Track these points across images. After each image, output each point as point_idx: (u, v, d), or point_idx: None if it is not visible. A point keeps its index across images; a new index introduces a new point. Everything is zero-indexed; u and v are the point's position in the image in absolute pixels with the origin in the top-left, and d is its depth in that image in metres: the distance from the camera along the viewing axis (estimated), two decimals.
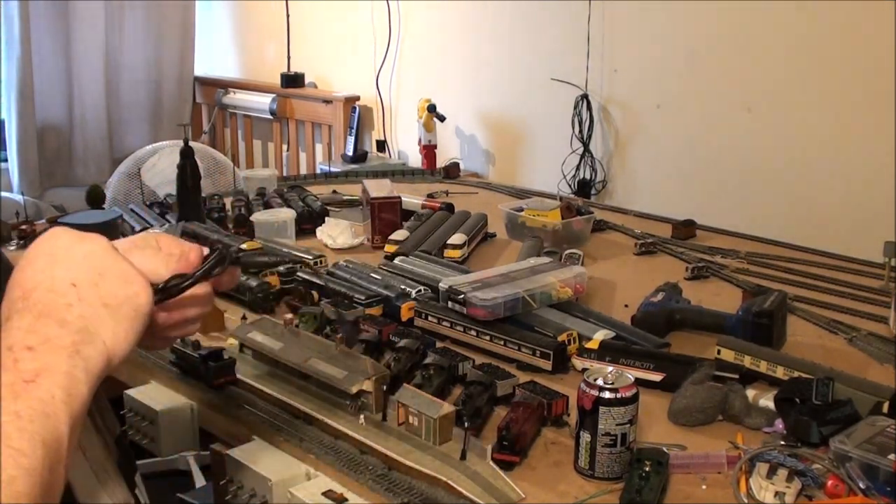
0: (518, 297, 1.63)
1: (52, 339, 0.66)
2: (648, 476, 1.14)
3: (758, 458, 1.18)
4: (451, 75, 3.84)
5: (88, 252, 0.71)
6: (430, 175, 3.18)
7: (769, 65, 2.83)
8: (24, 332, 0.65)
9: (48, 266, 0.70)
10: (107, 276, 0.71)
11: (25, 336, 0.65)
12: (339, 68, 4.41)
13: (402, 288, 1.77)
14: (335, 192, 2.78)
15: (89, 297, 0.69)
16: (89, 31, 4.51)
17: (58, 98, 4.52)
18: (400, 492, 1.20)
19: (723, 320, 1.65)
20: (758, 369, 1.45)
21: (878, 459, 1.11)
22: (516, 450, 1.22)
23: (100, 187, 2.60)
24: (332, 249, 2.19)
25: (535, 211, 2.29)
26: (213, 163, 3.11)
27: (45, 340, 0.65)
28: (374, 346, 1.53)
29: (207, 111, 4.97)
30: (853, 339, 1.68)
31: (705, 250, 2.23)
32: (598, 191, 3.34)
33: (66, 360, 0.65)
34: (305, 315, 1.63)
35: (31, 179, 4.40)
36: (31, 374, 0.63)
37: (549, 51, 3.43)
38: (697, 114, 3.05)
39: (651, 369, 1.45)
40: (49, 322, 0.66)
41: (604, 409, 1.17)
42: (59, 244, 0.71)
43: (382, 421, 1.34)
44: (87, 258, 0.71)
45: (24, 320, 0.66)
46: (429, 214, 2.36)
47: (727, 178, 2.98)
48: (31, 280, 0.69)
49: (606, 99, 3.29)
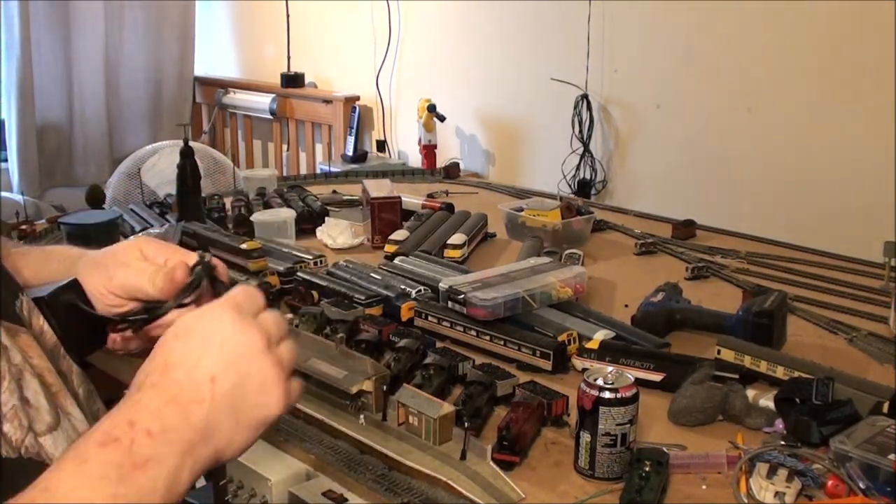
0: (518, 297, 1.63)
1: (172, 431, 0.65)
2: (648, 476, 1.14)
3: (758, 458, 1.18)
4: (451, 75, 3.84)
5: (242, 349, 0.69)
6: (430, 175, 3.18)
7: (769, 65, 2.84)
8: (149, 414, 0.65)
9: (199, 348, 0.69)
10: (248, 380, 0.69)
11: (149, 418, 0.65)
12: (339, 68, 4.41)
13: (402, 288, 1.77)
14: (335, 192, 2.78)
15: (221, 399, 0.67)
16: (89, 31, 4.51)
17: (58, 98, 4.52)
18: (400, 492, 1.20)
19: (723, 320, 1.65)
20: (758, 369, 1.45)
21: (878, 459, 1.11)
22: (516, 450, 1.22)
23: (100, 187, 2.60)
24: (332, 249, 2.19)
25: (535, 211, 2.29)
26: (213, 163, 3.11)
27: (165, 430, 0.65)
28: (374, 346, 1.53)
29: (207, 111, 4.97)
30: (853, 339, 1.68)
31: (705, 250, 2.23)
32: (598, 191, 3.34)
33: (178, 456, 0.65)
34: (305, 315, 1.63)
35: (31, 179, 4.41)
36: (142, 460, 0.63)
37: (549, 51, 3.43)
38: (697, 114, 3.05)
39: (651, 369, 1.45)
40: (175, 411, 0.66)
41: (604, 409, 1.17)
42: (219, 329, 0.70)
43: (382, 421, 1.34)
44: (237, 354, 0.69)
45: (153, 401, 0.66)
46: (429, 214, 2.36)
47: (727, 178, 2.98)
48: (177, 355, 0.68)
49: (606, 99, 3.29)
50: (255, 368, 0.69)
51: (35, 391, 0.74)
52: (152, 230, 2.15)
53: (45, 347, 0.80)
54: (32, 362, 0.77)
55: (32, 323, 0.81)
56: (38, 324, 0.82)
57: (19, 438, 0.71)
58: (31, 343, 0.78)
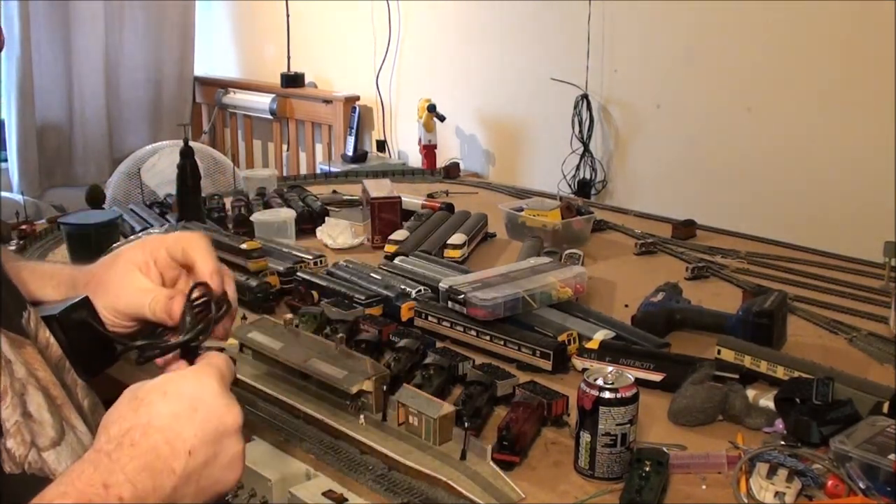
0: (518, 297, 1.63)
1: (142, 498, 0.67)
2: (648, 476, 1.14)
3: (758, 458, 1.18)
4: (451, 75, 3.84)
5: (223, 427, 0.72)
6: (430, 175, 3.18)
7: (769, 65, 2.83)
8: (123, 478, 0.67)
9: (184, 416, 0.71)
10: (219, 457, 0.72)
11: (124, 484, 0.67)
12: (339, 68, 4.41)
13: (402, 288, 1.77)
14: (335, 192, 2.78)
15: (192, 472, 0.70)
16: (89, 31, 4.51)
17: (58, 98, 4.52)
18: (400, 492, 1.20)
19: (723, 320, 1.65)
20: (758, 369, 1.45)
21: (878, 459, 1.11)
22: (516, 450, 1.22)
23: (100, 187, 2.60)
24: (332, 249, 2.19)
25: (535, 211, 2.29)
26: (213, 163, 3.11)
27: (136, 496, 0.67)
28: (374, 346, 1.53)
29: (207, 111, 4.97)
30: (853, 339, 1.68)
31: (705, 250, 2.23)
32: (598, 191, 3.34)
33: None
34: (305, 315, 1.63)
35: (31, 179, 4.41)
36: None
37: (549, 51, 3.43)
38: (697, 114, 3.05)
39: (651, 369, 1.45)
40: (149, 480, 0.68)
41: (604, 409, 1.17)
42: (204, 401, 0.73)
43: (382, 421, 1.34)
44: (217, 432, 0.72)
45: (130, 464, 0.68)
46: (429, 214, 2.36)
47: (727, 178, 2.98)
48: (163, 420, 0.70)
49: (606, 99, 3.29)
50: (227, 447, 0.73)
51: (39, 405, 0.74)
52: (152, 230, 2.15)
53: (50, 361, 0.80)
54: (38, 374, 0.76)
55: (38, 336, 0.81)
56: (43, 336, 0.82)
57: (23, 454, 0.71)
58: (37, 356, 0.78)
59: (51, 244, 2.27)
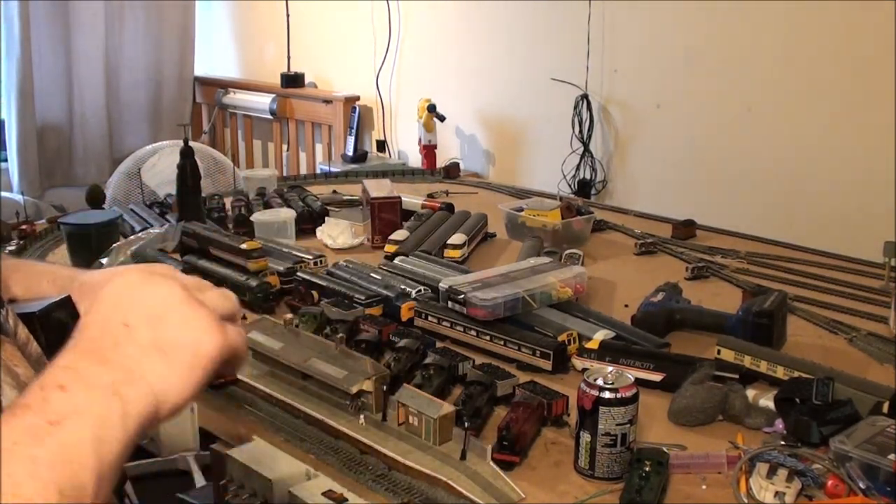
0: (518, 297, 1.63)
1: (87, 378, 0.60)
2: (648, 476, 1.14)
3: (758, 458, 1.18)
4: (451, 75, 3.84)
5: (152, 293, 0.67)
6: (430, 175, 3.18)
7: (769, 65, 2.84)
8: (59, 370, 0.60)
9: (108, 306, 0.66)
10: (167, 319, 0.66)
11: (60, 374, 0.60)
12: (339, 68, 4.41)
13: (402, 288, 1.77)
14: (335, 192, 2.78)
15: (141, 339, 0.64)
16: (89, 31, 4.51)
17: (58, 98, 4.52)
18: (400, 492, 1.20)
19: (723, 320, 1.65)
20: (758, 369, 1.45)
21: (878, 459, 1.11)
22: (516, 450, 1.22)
23: (100, 187, 2.60)
24: (332, 249, 2.19)
25: (535, 211, 2.29)
26: (213, 163, 3.12)
27: (79, 379, 0.60)
28: (374, 346, 1.53)
29: (207, 111, 4.97)
30: (853, 339, 1.68)
31: (705, 250, 2.23)
32: (598, 191, 3.34)
33: (101, 402, 0.60)
34: (305, 315, 1.63)
35: (31, 179, 4.41)
36: (58, 416, 0.57)
37: (549, 51, 3.43)
38: (697, 114, 3.05)
39: (651, 369, 1.45)
40: (90, 360, 0.62)
41: (604, 409, 1.17)
42: (125, 284, 0.68)
43: (382, 421, 1.34)
44: (148, 299, 0.66)
45: (64, 359, 0.62)
46: (429, 214, 2.35)
47: (727, 178, 2.98)
48: (87, 320, 0.66)
49: (606, 99, 3.29)
50: (170, 307, 0.66)
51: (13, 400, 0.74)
52: (152, 230, 2.15)
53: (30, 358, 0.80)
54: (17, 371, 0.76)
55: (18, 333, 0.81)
56: (23, 333, 0.81)
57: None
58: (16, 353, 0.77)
59: (51, 244, 2.27)
